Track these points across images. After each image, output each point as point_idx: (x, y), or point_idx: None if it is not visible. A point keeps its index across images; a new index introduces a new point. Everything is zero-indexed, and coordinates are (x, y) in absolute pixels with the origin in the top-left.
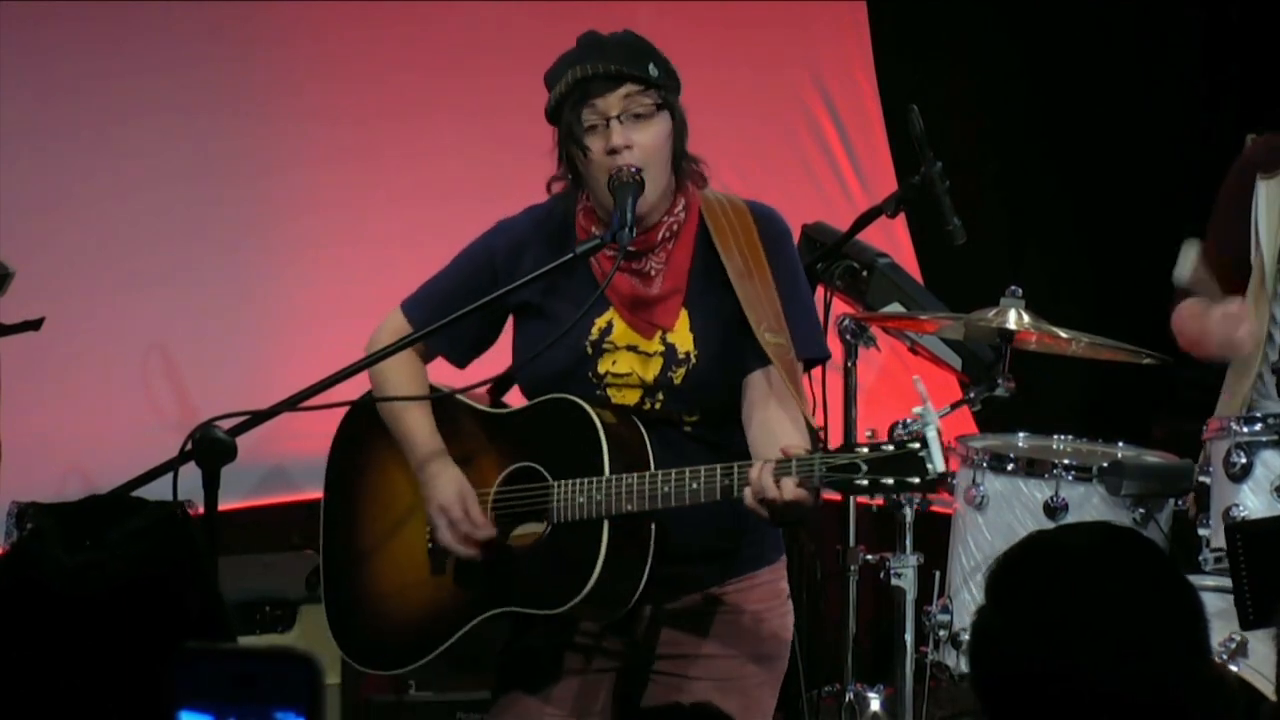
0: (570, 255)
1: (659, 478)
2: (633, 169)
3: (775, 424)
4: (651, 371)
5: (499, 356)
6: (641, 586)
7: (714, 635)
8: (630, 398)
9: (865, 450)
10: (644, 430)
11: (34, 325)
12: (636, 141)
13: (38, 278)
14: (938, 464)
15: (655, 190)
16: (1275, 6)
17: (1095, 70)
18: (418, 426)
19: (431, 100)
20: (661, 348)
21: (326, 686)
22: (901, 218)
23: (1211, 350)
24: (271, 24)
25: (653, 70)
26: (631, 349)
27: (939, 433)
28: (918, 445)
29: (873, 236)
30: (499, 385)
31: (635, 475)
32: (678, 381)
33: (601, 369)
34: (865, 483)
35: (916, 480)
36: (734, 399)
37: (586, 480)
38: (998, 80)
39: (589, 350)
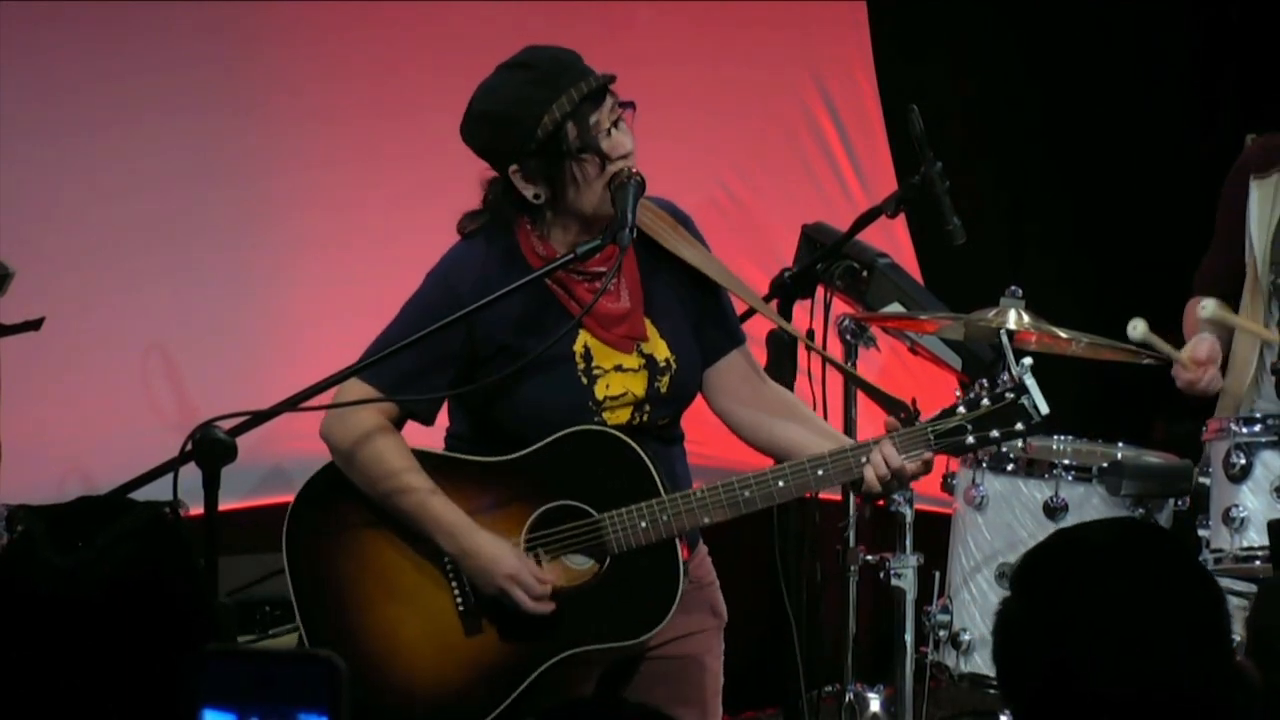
0: (570, 256)
1: (735, 485)
2: (632, 169)
3: (785, 403)
4: (640, 386)
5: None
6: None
7: (687, 613)
8: (622, 416)
9: (965, 411)
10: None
11: (34, 325)
12: (631, 144)
13: (38, 278)
14: (1043, 406)
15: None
16: (1275, 6)
17: (1095, 70)
18: (432, 500)
19: (431, 100)
20: (642, 360)
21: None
22: (901, 218)
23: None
24: (271, 24)
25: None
26: (618, 369)
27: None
28: (1014, 395)
29: (873, 236)
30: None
31: (704, 490)
32: (664, 390)
33: (599, 394)
34: (973, 440)
35: (1022, 427)
36: (695, 394)
37: (644, 506)
38: (998, 80)
39: (584, 380)
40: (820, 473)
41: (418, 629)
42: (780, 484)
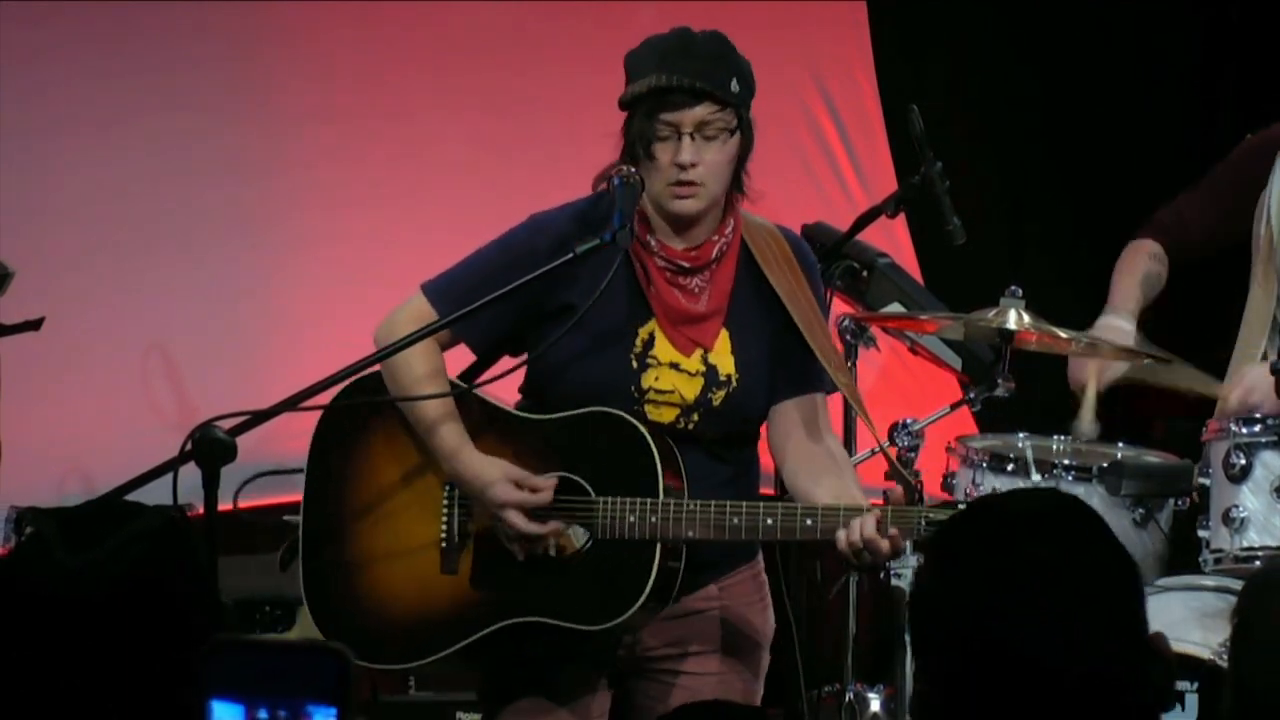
0: (569, 255)
1: (726, 509)
2: (633, 170)
3: (832, 460)
4: (693, 391)
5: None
6: (673, 600)
7: (713, 631)
8: (667, 415)
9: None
10: (678, 453)
11: (34, 325)
12: (704, 160)
13: (38, 278)
14: None
15: (708, 204)
16: (1275, 6)
17: (1095, 70)
18: (444, 419)
19: (431, 100)
20: (703, 367)
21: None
22: (901, 218)
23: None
24: (271, 24)
25: (735, 86)
26: (674, 366)
27: None
28: None
29: (873, 236)
30: (484, 364)
31: (696, 503)
32: (716, 403)
33: (645, 384)
34: None
35: None
36: (761, 421)
37: (639, 501)
38: (998, 80)
39: (634, 364)
40: (809, 522)
41: (399, 554)
42: (768, 521)
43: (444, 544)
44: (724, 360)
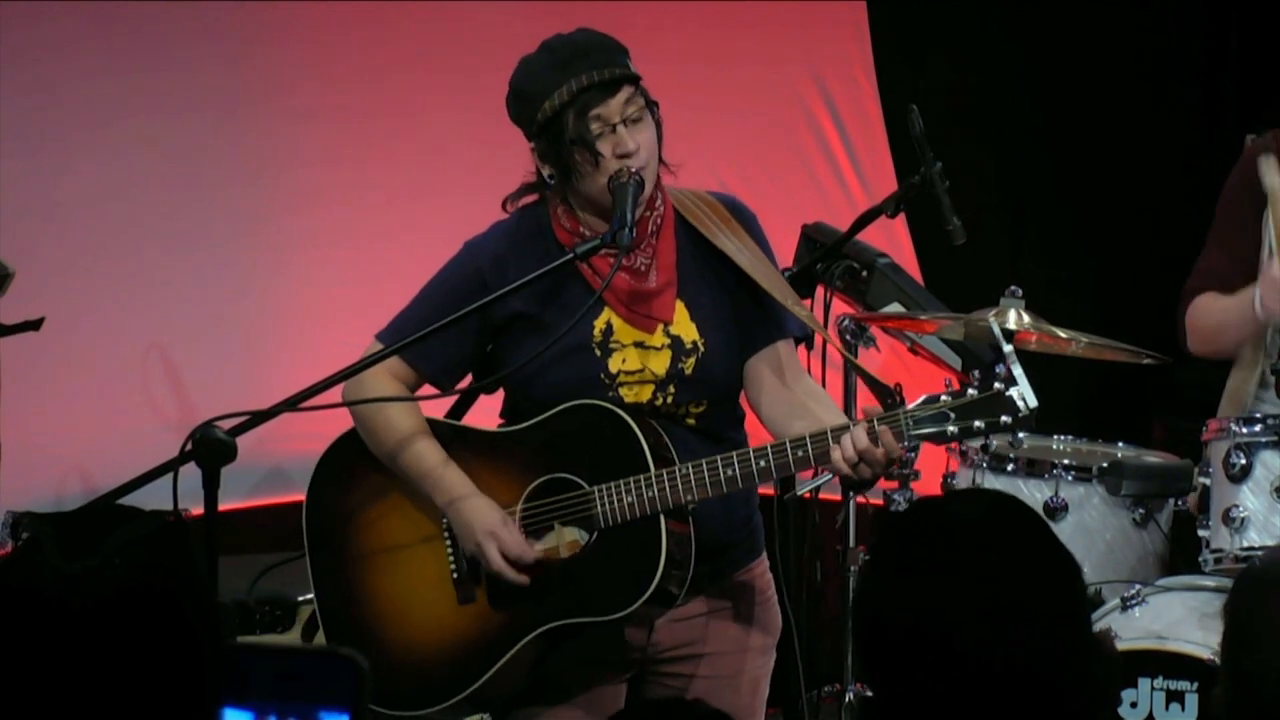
0: (570, 256)
1: (719, 462)
2: (633, 169)
3: (809, 396)
4: (662, 365)
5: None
6: (689, 578)
7: (725, 632)
8: (643, 394)
9: (949, 399)
10: (661, 429)
11: (34, 325)
12: (640, 143)
13: (38, 278)
14: (1031, 399)
15: (650, 188)
16: (1275, 7)
17: (1096, 70)
18: (432, 458)
19: (431, 100)
20: (667, 340)
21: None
22: (901, 218)
23: (1238, 336)
24: (268, 23)
25: (633, 68)
26: (639, 345)
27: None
28: (1003, 385)
29: (873, 236)
30: (467, 399)
31: (689, 465)
32: (689, 371)
33: (613, 368)
34: (955, 429)
35: (1008, 420)
36: (739, 385)
37: (632, 480)
38: (998, 80)
39: (597, 352)
40: (799, 454)
41: (414, 594)
42: (761, 463)
43: (455, 575)
44: (686, 329)
